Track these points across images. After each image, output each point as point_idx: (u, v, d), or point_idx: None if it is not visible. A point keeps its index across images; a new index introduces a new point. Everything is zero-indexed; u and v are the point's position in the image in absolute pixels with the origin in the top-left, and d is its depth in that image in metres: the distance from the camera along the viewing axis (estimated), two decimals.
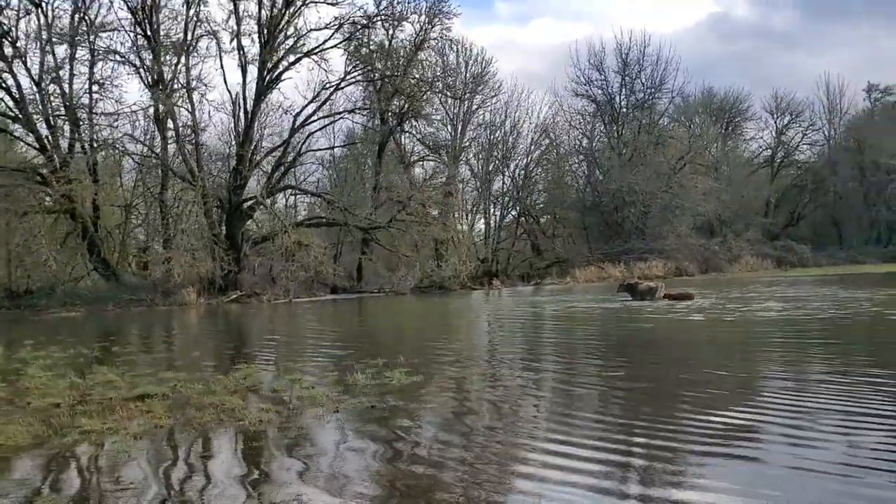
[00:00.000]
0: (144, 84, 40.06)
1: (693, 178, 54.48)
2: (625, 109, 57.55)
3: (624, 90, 57.37)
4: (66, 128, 38.93)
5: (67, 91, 38.69)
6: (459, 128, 52.18)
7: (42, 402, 8.58)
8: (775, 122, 69.68)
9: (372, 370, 9.90)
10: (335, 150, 48.20)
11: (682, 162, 55.51)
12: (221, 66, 42.60)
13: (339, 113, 42.72)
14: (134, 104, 40.15)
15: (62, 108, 39.08)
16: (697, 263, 51.29)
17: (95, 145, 39.92)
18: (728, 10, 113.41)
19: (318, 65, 41.55)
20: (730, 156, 65.89)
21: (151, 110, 40.81)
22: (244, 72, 39.90)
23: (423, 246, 42.35)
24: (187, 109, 38.85)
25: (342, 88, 42.26)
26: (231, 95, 41.03)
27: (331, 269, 38.18)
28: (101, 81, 40.19)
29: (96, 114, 39.90)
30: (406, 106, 44.88)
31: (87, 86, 39.56)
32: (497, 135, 53.30)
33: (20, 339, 18.80)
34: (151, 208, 43.01)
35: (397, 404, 7.62)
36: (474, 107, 53.72)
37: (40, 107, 37.64)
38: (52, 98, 38.35)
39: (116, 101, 41.08)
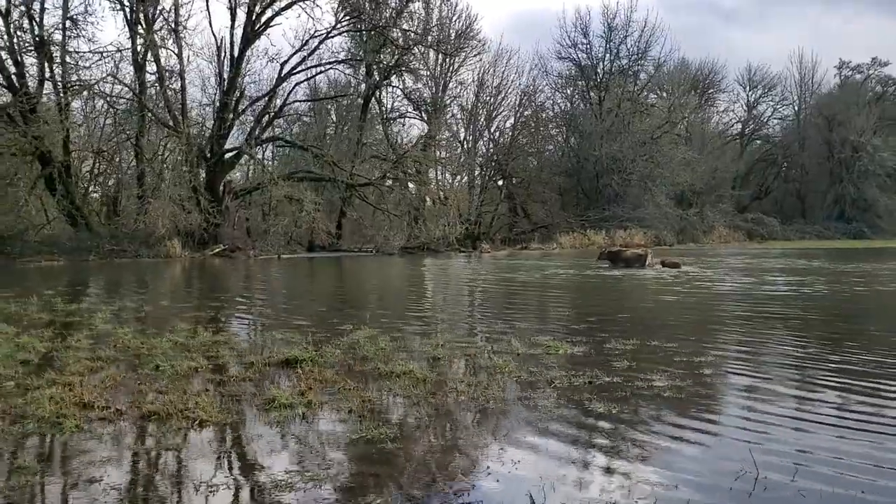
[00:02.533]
0: (125, 21, 37.68)
1: (673, 148, 54.37)
2: (609, 75, 56.88)
3: (608, 56, 56.75)
4: (37, 65, 36.39)
5: (38, 26, 36.10)
6: (442, 84, 50.84)
7: (180, 365, 7.50)
8: (747, 96, 70.17)
9: (520, 337, 9.11)
10: (314, 104, 46.37)
11: (661, 131, 55.32)
12: (207, 8, 40.44)
13: (330, 62, 41.11)
14: (110, 44, 37.75)
15: (32, 45, 36.51)
16: (674, 233, 51.45)
17: (69, 86, 37.46)
18: None
19: (306, 12, 39.92)
20: (704, 127, 66.03)
21: (129, 51, 38.33)
22: (233, 15, 37.94)
23: (412, 205, 41.25)
24: (173, 51, 36.69)
25: (332, 37, 40.59)
26: (217, 40, 39.06)
27: (323, 225, 36.83)
28: (76, 17, 37.61)
29: (70, 52, 37.36)
30: (395, 59, 43.38)
31: (59, 22, 37.04)
32: (481, 95, 52.14)
33: (35, 289, 17.39)
34: (127, 156, 40.75)
35: (611, 379, 6.79)
36: (456, 65, 52.40)
37: (8, 42, 35.15)
38: (21, 33, 35.85)
39: (89, 40, 38.68)
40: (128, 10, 37.59)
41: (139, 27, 37.66)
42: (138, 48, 37.51)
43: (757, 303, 13.71)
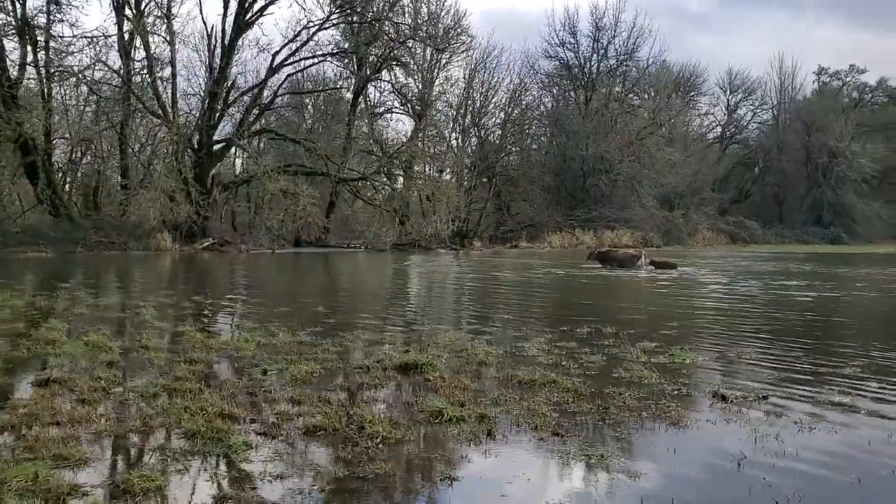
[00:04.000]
0: (112, 6, 36.39)
1: (659, 150, 54.43)
2: (596, 75, 56.72)
3: (595, 55, 56.56)
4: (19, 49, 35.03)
5: (21, 7, 34.76)
6: (430, 80, 50.16)
7: (293, 370, 6.90)
8: (727, 99, 70.60)
9: (629, 343, 8.65)
10: (303, 97, 45.45)
11: (647, 131, 55.34)
12: None
13: (323, 54, 40.29)
14: (95, 29, 36.38)
15: (14, 28, 35.15)
16: (660, 234, 51.49)
17: (54, 71, 36.13)
18: None
19: (297, 2, 39.14)
20: (687, 130, 66.30)
21: (115, 37, 37.01)
22: (226, 3, 36.91)
23: (404, 201, 40.62)
24: (165, 38, 35.56)
25: (326, 28, 39.76)
26: (207, 28, 38.04)
27: (319, 220, 36.01)
28: (59, 0, 36.23)
29: (54, 37, 36.02)
30: (387, 52, 42.65)
31: (43, 5, 35.69)
32: (469, 92, 51.61)
33: (45, 282, 16.56)
34: (108, 145, 39.36)
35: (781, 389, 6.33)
36: (443, 61, 51.77)
37: None
38: (3, 15, 34.49)
39: (72, 25, 37.26)
40: None
41: (125, 12, 36.44)
42: (125, 34, 36.31)
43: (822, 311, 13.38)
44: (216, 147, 38.36)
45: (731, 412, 5.58)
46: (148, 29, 35.12)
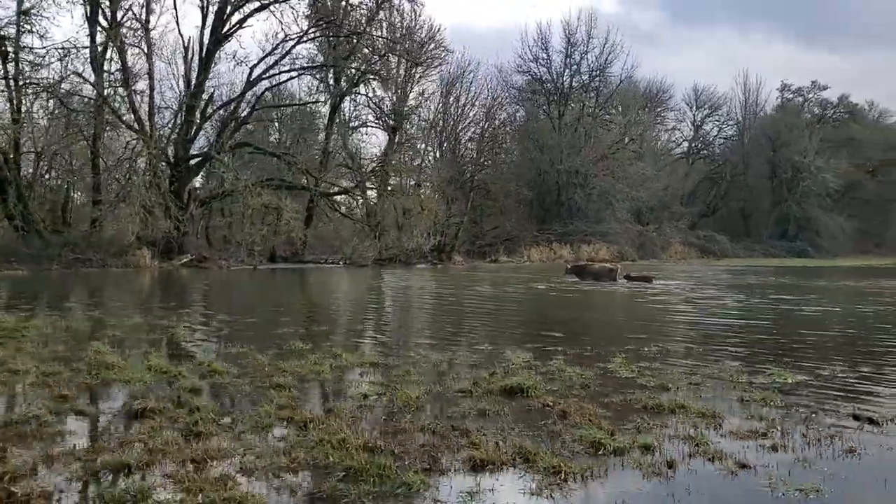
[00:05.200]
0: (84, 17, 35.44)
1: (632, 164, 54.83)
2: (568, 90, 56.98)
3: (568, 71, 56.85)
4: None
5: None
6: (404, 95, 49.84)
7: (396, 394, 6.50)
8: (693, 115, 71.54)
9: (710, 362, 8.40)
10: (280, 111, 44.76)
11: (618, 146, 55.72)
12: (175, 7, 38.55)
13: (303, 68, 39.66)
14: (67, 41, 35.26)
15: None
16: (635, 248, 51.77)
17: (22, 83, 34.99)
18: (596, 5, 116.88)
19: (275, 16, 38.64)
20: (655, 144, 66.99)
21: (87, 49, 35.96)
22: (204, 15, 36.25)
23: (387, 215, 40.14)
24: (142, 50, 34.70)
25: (304, 42, 39.22)
26: (184, 41, 37.27)
27: (302, 234, 35.33)
28: (29, 10, 35.13)
29: (23, 47, 34.91)
30: (365, 66, 42.26)
31: (12, 15, 34.56)
32: (444, 107, 51.43)
33: (43, 301, 15.83)
34: (76, 160, 38.10)
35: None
36: (418, 76, 51.51)
37: None
38: None
39: (41, 37, 36.08)
40: (87, 5, 35.31)
41: (99, 23, 35.50)
42: (98, 46, 35.33)
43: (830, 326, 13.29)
44: (193, 161, 37.49)
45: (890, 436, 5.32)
46: (126, 41, 34.16)
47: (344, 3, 40.95)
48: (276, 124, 47.13)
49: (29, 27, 34.73)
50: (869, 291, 21.48)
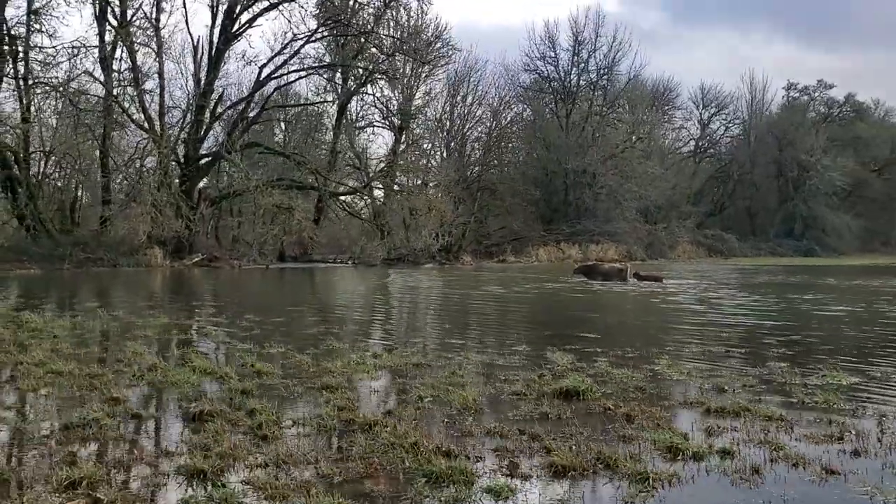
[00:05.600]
0: (94, 16, 35.38)
1: (641, 163, 54.66)
2: (575, 89, 56.81)
3: (575, 69, 56.68)
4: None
5: None
6: (411, 94, 49.68)
7: (449, 397, 6.40)
8: (700, 114, 71.34)
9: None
10: (284, 111, 44.62)
11: (625, 145, 55.52)
12: (184, 6, 38.39)
13: (312, 67, 39.59)
14: (76, 40, 35.12)
15: None
16: (643, 248, 51.59)
17: (31, 82, 34.90)
18: (600, 4, 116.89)
19: (283, 15, 38.46)
20: (662, 143, 66.81)
21: (96, 48, 35.83)
22: (214, 14, 36.18)
23: (394, 215, 40.06)
24: (152, 49, 34.62)
25: (314, 41, 39.16)
26: (193, 40, 37.17)
27: (313, 234, 35.27)
28: (39, 10, 35.03)
29: (33, 47, 34.82)
30: (373, 66, 42.14)
31: (22, 15, 34.47)
32: (452, 106, 51.32)
33: (70, 302, 15.74)
34: (83, 160, 37.95)
35: None
36: (423, 75, 51.34)
37: None
38: None
39: (50, 36, 35.94)
40: (97, 4, 35.21)
41: (108, 22, 35.44)
42: (107, 45, 35.26)
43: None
44: (203, 161, 37.43)
45: None
46: (135, 40, 34.07)
47: (352, 2, 40.90)
48: (283, 124, 47.07)
49: (38, 26, 34.71)
50: (884, 291, 21.35)
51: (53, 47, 34.76)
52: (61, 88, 34.97)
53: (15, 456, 4.78)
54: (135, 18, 34.95)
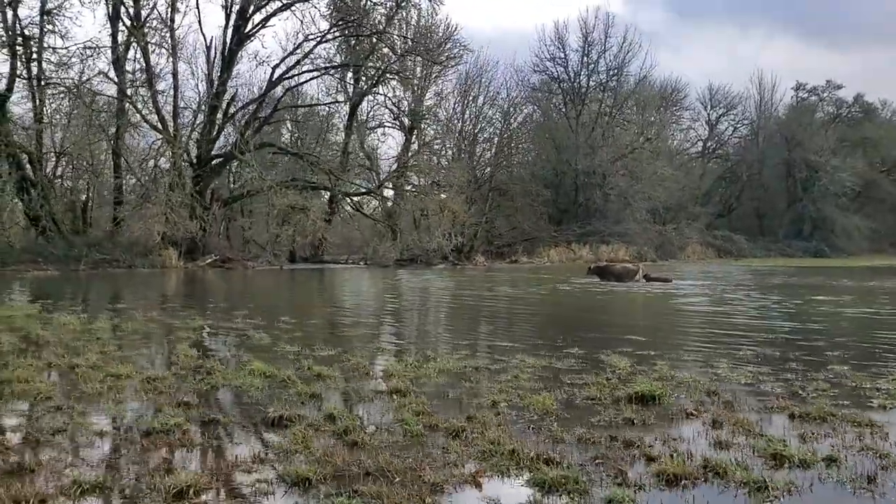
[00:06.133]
0: (107, 16, 35.29)
1: (651, 164, 54.49)
2: (585, 90, 56.67)
3: (585, 70, 56.50)
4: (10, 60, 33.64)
5: (11, 18, 33.47)
6: (421, 94, 49.49)
7: (526, 403, 6.29)
8: (708, 114, 71.09)
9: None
10: (293, 112, 44.43)
11: (636, 145, 55.36)
12: (197, 7, 38.30)
13: (325, 67, 39.47)
14: (89, 40, 34.98)
15: (4, 39, 33.76)
16: (654, 249, 51.42)
17: (44, 82, 34.82)
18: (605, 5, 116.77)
19: (295, 15, 38.32)
20: (671, 144, 66.64)
21: (109, 49, 35.72)
22: (227, 14, 36.05)
23: (406, 216, 39.95)
24: (166, 49, 34.53)
25: (327, 41, 39.04)
26: (206, 40, 37.06)
27: (327, 235, 35.17)
28: (52, 10, 34.89)
29: (47, 47, 34.71)
30: (386, 66, 41.99)
31: (35, 15, 34.33)
32: (463, 106, 51.16)
33: (99, 303, 15.64)
34: (96, 160, 37.85)
35: None
36: (434, 75, 51.18)
37: None
38: None
39: (62, 37, 35.73)
40: (110, 4, 35.11)
41: (123, 23, 35.37)
42: (120, 46, 35.18)
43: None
44: (215, 161, 37.32)
45: None
46: (150, 41, 33.99)
47: (363, 2, 40.75)
48: (288, 124, 46.88)
49: (51, 27, 34.59)
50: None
51: (66, 48, 34.67)
52: (75, 89, 34.86)
53: (106, 463, 4.65)
54: (149, 19, 34.74)
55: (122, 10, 35.08)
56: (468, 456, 4.71)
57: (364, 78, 43.36)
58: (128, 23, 34.94)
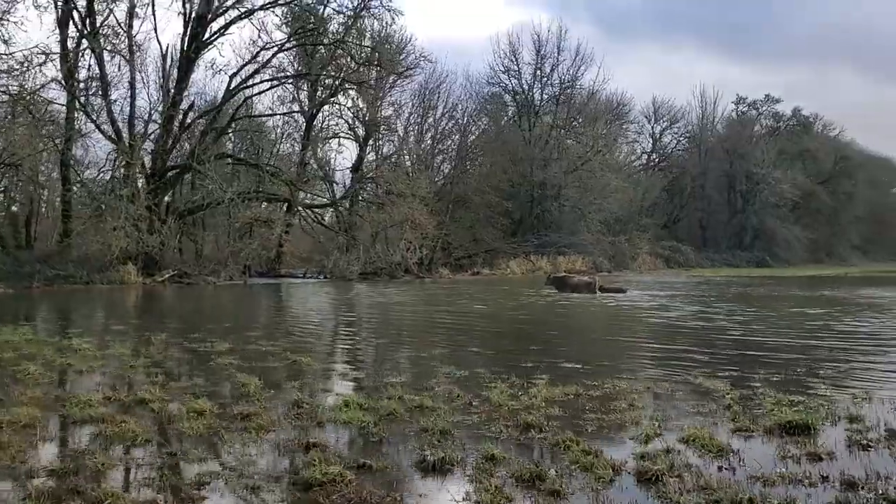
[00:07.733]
0: (56, 21, 33.69)
1: (603, 176, 55.00)
2: (539, 101, 56.99)
3: (538, 83, 56.81)
4: None
5: None
6: (379, 104, 48.86)
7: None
8: (651, 127, 72.29)
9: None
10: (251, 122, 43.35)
11: (587, 158, 55.77)
12: (153, 13, 36.79)
13: (284, 77, 38.60)
14: (35, 46, 33.31)
15: None
16: (608, 259, 51.90)
17: None
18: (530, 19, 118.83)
19: (253, 24, 37.38)
20: (618, 156, 67.46)
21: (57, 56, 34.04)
22: (186, 22, 34.85)
23: (369, 228, 39.25)
24: (124, 57, 33.17)
25: (285, 50, 38.21)
26: (161, 48, 35.83)
27: (282, 248, 34.29)
28: None
29: None
30: (345, 76, 41.29)
31: None
32: (421, 117, 50.79)
33: (84, 321, 14.68)
34: (53, 169, 36.10)
35: None
36: (387, 86, 50.65)
37: None
38: None
39: (5, 42, 33.94)
40: (58, 9, 33.53)
41: (72, 30, 33.85)
42: (70, 52, 33.63)
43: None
44: (171, 173, 36.04)
45: None
46: (104, 47, 32.59)
47: (322, 10, 40.04)
48: (249, 136, 45.65)
49: None
50: (862, 302, 21.65)
51: (10, 54, 32.94)
52: (19, 97, 33.14)
53: None
54: (104, 25, 33.33)
55: (76, 15, 33.59)
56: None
57: (321, 88, 42.65)
58: (85, 29, 33.45)
